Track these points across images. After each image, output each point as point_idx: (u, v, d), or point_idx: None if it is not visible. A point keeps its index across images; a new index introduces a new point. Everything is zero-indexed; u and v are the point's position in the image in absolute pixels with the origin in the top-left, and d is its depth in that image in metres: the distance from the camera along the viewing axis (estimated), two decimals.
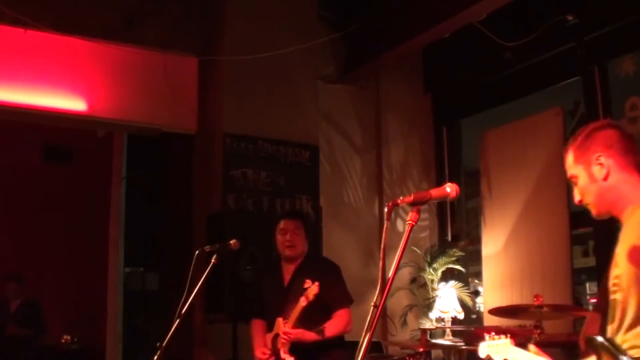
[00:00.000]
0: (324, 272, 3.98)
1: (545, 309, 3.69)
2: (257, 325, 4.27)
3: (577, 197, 2.24)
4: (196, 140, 6.13)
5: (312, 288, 3.68)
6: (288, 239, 4.09)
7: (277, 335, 3.99)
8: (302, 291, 3.81)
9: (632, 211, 2.06)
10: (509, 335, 2.41)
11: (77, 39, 5.64)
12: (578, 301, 5.95)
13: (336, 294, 3.98)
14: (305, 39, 6.12)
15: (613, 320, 2.02)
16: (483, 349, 2.40)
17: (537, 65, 6.04)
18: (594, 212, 2.21)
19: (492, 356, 2.36)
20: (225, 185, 5.78)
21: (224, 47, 5.99)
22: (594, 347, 2.03)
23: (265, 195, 5.92)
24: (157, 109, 5.96)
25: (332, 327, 3.95)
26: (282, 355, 3.90)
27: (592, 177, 2.16)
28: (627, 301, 1.99)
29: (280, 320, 3.96)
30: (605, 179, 2.14)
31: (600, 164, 2.15)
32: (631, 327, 1.98)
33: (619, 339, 1.99)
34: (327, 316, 3.97)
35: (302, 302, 3.72)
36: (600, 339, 2.00)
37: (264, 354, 4.00)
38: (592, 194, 2.18)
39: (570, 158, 2.24)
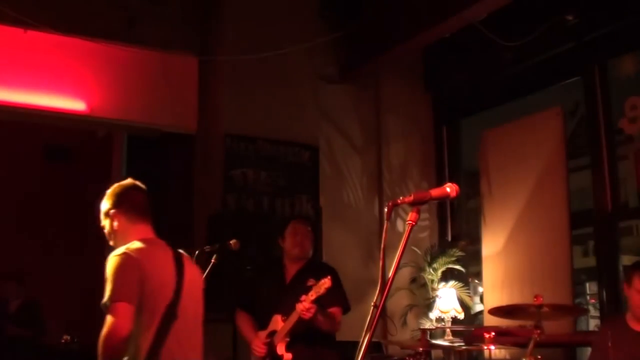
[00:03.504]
0: (326, 274, 4.01)
1: (545, 309, 3.69)
2: (243, 317, 4.34)
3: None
4: (196, 140, 6.13)
5: (325, 281, 3.73)
6: (300, 239, 4.20)
7: (273, 332, 4.02)
8: (306, 289, 3.86)
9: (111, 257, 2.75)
10: None
11: (77, 39, 5.64)
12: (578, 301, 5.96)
13: (336, 294, 4.01)
14: (306, 39, 6.12)
15: None
16: None
17: (537, 65, 6.04)
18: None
19: None
20: (225, 185, 5.78)
21: (224, 47, 5.99)
22: None
23: (265, 196, 5.91)
24: (157, 109, 5.96)
25: (331, 319, 4.03)
26: (280, 351, 3.93)
27: (111, 226, 2.94)
28: None
29: (278, 317, 4.00)
30: (117, 228, 2.91)
31: (113, 216, 2.93)
32: None
33: None
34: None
35: (312, 295, 3.75)
36: None
37: (261, 348, 4.03)
38: (113, 240, 2.94)
39: (102, 208, 2.98)
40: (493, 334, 4.15)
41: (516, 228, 5.95)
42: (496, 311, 4.05)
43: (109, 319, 2.62)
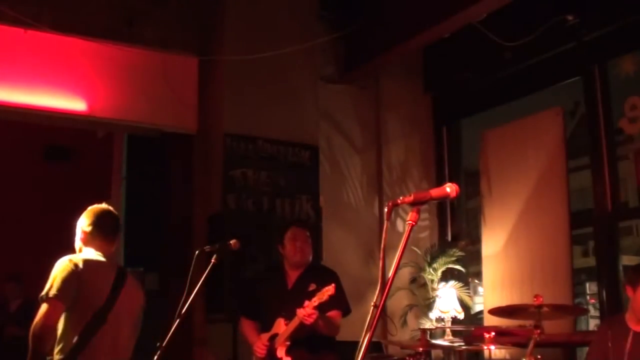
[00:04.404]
0: (328, 279, 4.03)
1: (545, 309, 3.69)
2: (247, 324, 4.37)
3: None
4: (196, 140, 6.12)
5: (328, 289, 3.76)
6: (299, 245, 4.21)
7: (275, 335, 4.03)
8: (308, 294, 3.87)
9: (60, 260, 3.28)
10: None
11: (77, 39, 5.63)
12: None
13: (336, 298, 4.01)
14: (305, 39, 6.12)
15: None
16: None
17: (537, 65, 6.04)
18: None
19: None
20: (225, 185, 5.77)
21: (224, 47, 5.99)
22: None
23: (265, 195, 5.91)
24: (157, 109, 5.96)
25: (331, 323, 4.03)
26: (280, 354, 3.94)
27: (78, 237, 3.48)
28: None
29: (281, 320, 4.01)
30: (81, 241, 3.47)
31: (82, 231, 3.47)
32: None
33: None
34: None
35: (314, 302, 3.77)
36: None
37: (262, 349, 4.05)
38: (77, 247, 3.50)
39: (78, 222, 3.49)
40: (493, 334, 4.15)
41: (516, 228, 5.95)
42: (496, 311, 4.06)
43: (42, 309, 3.15)
